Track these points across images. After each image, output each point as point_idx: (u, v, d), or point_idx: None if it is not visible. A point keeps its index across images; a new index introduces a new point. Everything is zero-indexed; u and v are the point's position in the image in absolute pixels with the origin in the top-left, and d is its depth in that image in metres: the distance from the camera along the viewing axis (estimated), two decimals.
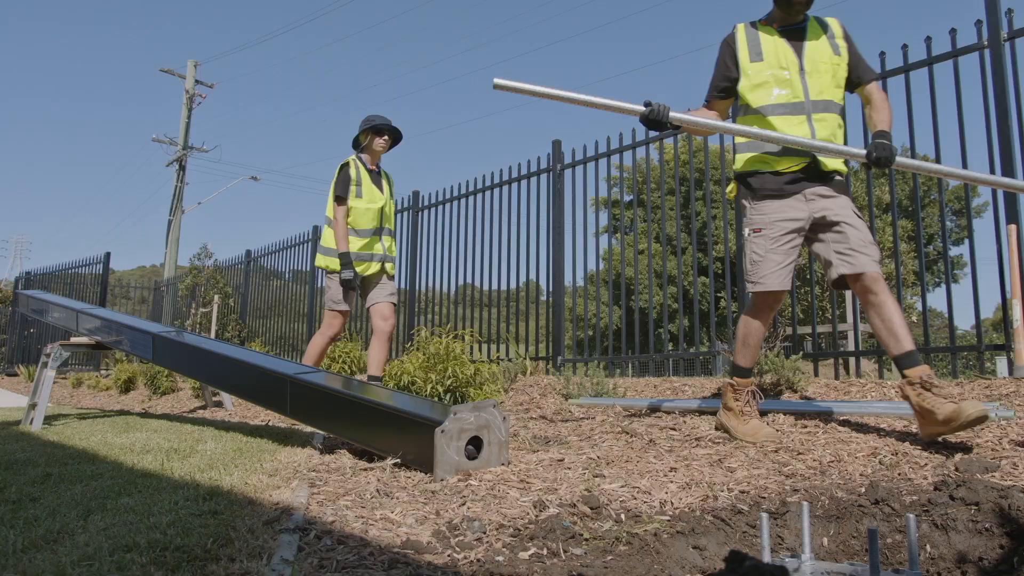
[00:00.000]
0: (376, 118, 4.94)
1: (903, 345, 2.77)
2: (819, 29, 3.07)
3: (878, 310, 2.84)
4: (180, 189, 21.34)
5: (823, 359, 5.26)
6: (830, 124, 3.01)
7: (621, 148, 6.52)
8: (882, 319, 2.82)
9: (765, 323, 3.12)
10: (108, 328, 5.31)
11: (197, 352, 4.42)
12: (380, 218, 4.93)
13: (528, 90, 2.83)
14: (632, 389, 4.98)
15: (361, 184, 4.85)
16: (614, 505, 2.15)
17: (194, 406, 6.82)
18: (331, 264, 4.82)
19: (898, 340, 2.78)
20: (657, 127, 2.90)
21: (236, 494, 2.26)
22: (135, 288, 18.11)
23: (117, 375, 9.48)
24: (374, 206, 4.88)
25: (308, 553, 1.68)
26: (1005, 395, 3.35)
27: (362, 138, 4.95)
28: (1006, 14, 4.34)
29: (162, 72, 21.88)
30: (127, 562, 1.54)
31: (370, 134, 4.91)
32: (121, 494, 2.33)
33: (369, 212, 4.86)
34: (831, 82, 3.01)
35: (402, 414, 2.85)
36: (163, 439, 3.78)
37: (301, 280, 10.76)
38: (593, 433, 3.46)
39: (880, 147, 2.83)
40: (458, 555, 1.71)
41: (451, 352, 4.01)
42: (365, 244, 4.87)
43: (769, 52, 3.03)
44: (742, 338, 3.17)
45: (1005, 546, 1.85)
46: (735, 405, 3.19)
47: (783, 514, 2.10)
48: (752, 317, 3.13)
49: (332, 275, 4.83)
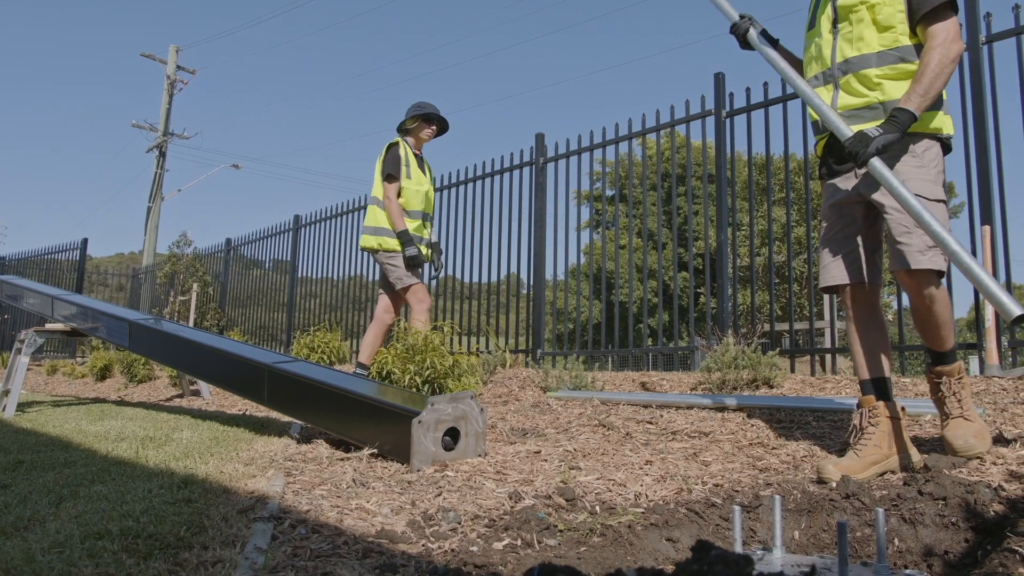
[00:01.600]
0: (427, 106, 4.88)
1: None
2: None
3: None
4: (160, 176, 21.11)
5: (800, 356, 5.31)
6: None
7: (604, 143, 6.54)
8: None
9: None
10: (84, 315, 5.25)
11: (174, 340, 4.39)
12: (426, 202, 4.90)
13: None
14: (610, 383, 5.01)
15: (409, 165, 4.80)
16: (589, 497, 2.16)
17: (171, 394, 6.77)
18: (386, 243, 4.73)
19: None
20: (739, 41, 2.75)
21: (211, 482, 2.25)
22: (113, 275, 17.91)
23: (93, 362, 9.38)
24: (422, 189, 4.85)
25: (282, 542, 1.68)
26: (975, 393, 3.40)
27: (409, 123, 4.87)
28: (984, 18, 4.40)
29: (143, 57, 21.57)
30: (98, 549, 1.53)
31: (419, 120, 4.85)
32: (94, 482, 2.31)
33: (418, 194, 4.81)
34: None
35: (380, 404, 2.85)
36: (138, 427, 3.75)
37: (282, 269, 10.70)
38: (570, 426, 3.48)
39: (855, 141, 2.29)
40: (432, 545, 1.72)
41: (430, 343, 4.01)
42: (416, 227, 4.81)
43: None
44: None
45: (970, 540, 1.88)
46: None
47: (756, 508, 2.12)
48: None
49: (391, 254, 4.73)
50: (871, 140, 2.24)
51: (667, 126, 6.17)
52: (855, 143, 2.26)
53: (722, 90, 5.75)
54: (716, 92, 5.77)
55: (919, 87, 2.26)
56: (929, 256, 2.29)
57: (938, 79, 2.26)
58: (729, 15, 2.79)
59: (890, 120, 2.27)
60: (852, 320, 2.54)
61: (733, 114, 5.67)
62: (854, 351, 2.55)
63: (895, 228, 2.35)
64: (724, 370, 4.30)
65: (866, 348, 2.50)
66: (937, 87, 2.27)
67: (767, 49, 2.67)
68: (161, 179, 21.12)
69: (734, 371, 4.27)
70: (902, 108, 2.27)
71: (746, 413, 3.48)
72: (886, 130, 2.25)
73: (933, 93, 2.27)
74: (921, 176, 2.35)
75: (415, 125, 4.86)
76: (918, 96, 2.26)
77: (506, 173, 7.31)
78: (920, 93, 2.26)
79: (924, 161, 2.37)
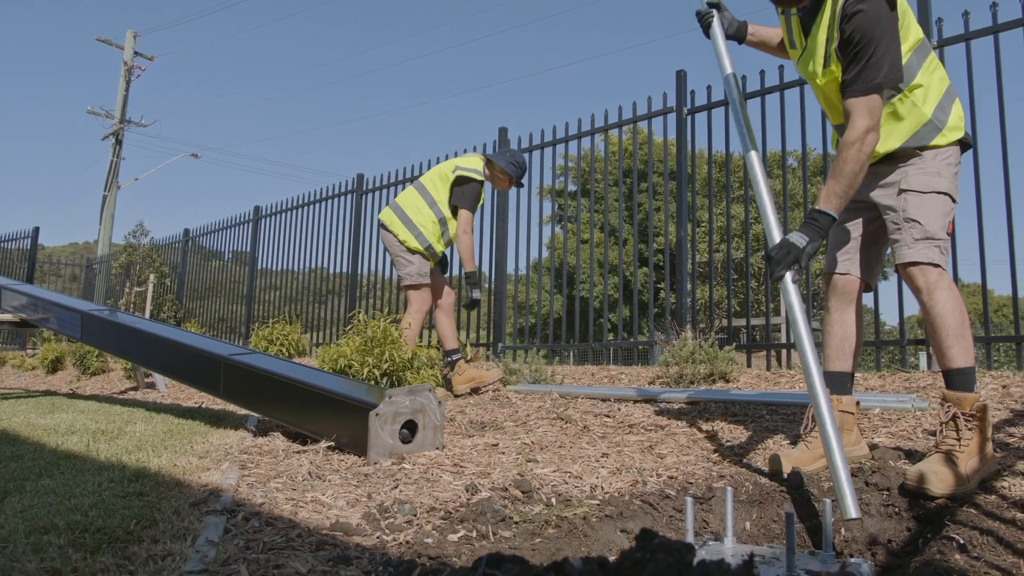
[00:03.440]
0: (521, 164, 4.79)
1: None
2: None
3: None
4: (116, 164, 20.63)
5: (756, 351, 5.41)
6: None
7: (567, 138, 6.56)
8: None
9: None
10: (34, 305, 5.12)
11: (128, 331, 4.31)
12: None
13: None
14: (570, 377, 5.04)
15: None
16: (545, 489, 2.18)
17: (125, 387, 6.64)
18: (411, 242, 4.66)
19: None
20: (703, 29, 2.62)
21: (164, 476, 2.22)
22: (66, 265, 17.47)
23: (44, 354, 9.16)
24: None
25: (235, 535, 1.66)
26: (922, 387, 3.50)
27: (496, 169, 4.75)
28: (936, 23, 4.50)
29: (99, 42, 21.04)
30: (44, 544, 1.51)
31: (506, 174, 4.75)
32: (42, 475, 2.26)
33: (454, 227, 4.79)
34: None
35: (337, 397, 2.83)
36: (90, 420, 3.68)
37: (241, 261, 10.54)
38: (529, 419, 3.49)
39: (779, 250, 2.22)
40: (387, 537, 1.72)
41: (388, 336, 4.00)
42: (440, 249, 4.81)
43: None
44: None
45: (912, 529, 1.94)
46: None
47: (709, 499, 2.16)
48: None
49: (411, 253, 4.68)
50: (798, 253, 2.17)
51: (629, 122, 6.21)
52: (779, 252, 2.20)
53: (684, 87, 5.80)
54: (678, 89, 5.82)
55: (838, 187, 2.21)
56: (917, 249, 2.24)
57: (858, 176, 2.21)
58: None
59: (810, 226, 2.22)
60: (827, 310, 2.54)
61: (694, 111, 5.73)
62: (824, 342, 2.54)
63: (889, 226, 2.34)
64: (682, 364, 4.35)
65: (835, 341, 2.49)
66: (858, 182, 2.22)
67: (721, 48, 2.56)
68: (117, 167, 20.65)
69: (692, 365, 4.32)
70: (822, 211, 2.21)
71: (702, 407, 3.53)
72: (810, 237, 2.19)
73: (854, 189, 2.23)
74: (919, 171, 2.31)
75: (502, 176, 4.78)
76: (837, 197, 2.22)
77: None
78: (839, 194, 2.21)
79: (926, 160, 2.32)
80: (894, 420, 2.96)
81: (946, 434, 2.16)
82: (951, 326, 2.20)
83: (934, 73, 2.33)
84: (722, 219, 10.83)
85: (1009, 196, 4.19)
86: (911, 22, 2.29)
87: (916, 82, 2.29)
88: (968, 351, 2.21)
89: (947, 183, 2.30)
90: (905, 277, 2.30)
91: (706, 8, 2.60)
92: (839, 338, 2.48)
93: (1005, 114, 4.21)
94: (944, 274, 2.25)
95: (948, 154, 2.32)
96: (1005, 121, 4.21)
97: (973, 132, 4.18)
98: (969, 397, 2.17)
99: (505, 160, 4.74)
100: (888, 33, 2.16)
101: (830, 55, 2.26)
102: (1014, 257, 4.08)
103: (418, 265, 4.67)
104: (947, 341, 2.20)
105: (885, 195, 2.36)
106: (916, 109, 2.29)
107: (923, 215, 2.26)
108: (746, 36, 2.69)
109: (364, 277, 8.54)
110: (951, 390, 2.21)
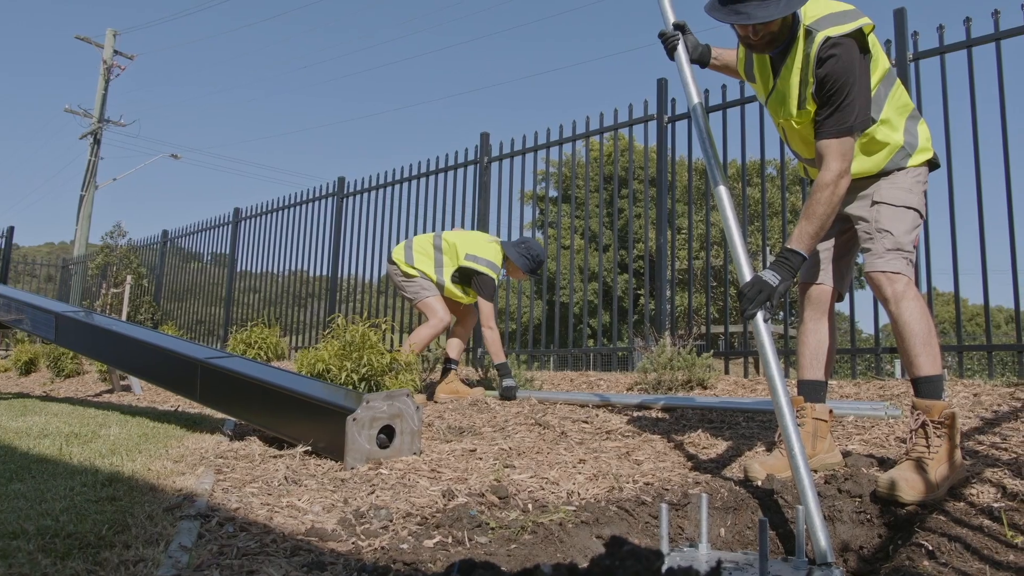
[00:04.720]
0: (535, 258, 4.73)
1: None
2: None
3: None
4: (94, 163, 20.41)
5: (734, 358, 5.45)
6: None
7: (549, 143, 6.58)
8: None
9: None
10: (7, 306, 5.06)
11: (103, 333, 4.26)
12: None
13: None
14: (549, 383, 5.06)
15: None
16: (522, 495, 2.18)
17: (100, 390, 6.56)
18: (409, 270, 4.70)
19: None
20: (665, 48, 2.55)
21: (138, 480, 2.20)
22: (41, 265, 17.24)
23: (17, 356, 9.04)
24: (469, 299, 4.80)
25: (208, 540, 1.65)
26: (896, 395, 3.55)
27: (516, 259, 4.68)
28: (912, 36, 4.57)
29: (78, 39, 20.84)
30: (12, 549, 1.49)
31: (525, 269, 4.72)
32: (12, 480, 2.23)
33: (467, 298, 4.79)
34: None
35: (314, 401, 2.82)
36: (63, 423, 3.63)
37: (220, 263, 10.46)
38: (507, 424, 3.50)
39: (751, 288, 2.19)
40: (363, 542, 1.71)
41: (367, 340, 3.98)
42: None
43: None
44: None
45: (883, 535, 1.97)
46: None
47: (684, 505, 2.17)
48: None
49: (409, 279, 4.71)
50: (770, 292, 2.16)
51: (611, 129, 6.25)
52: (751, 290, 2.17)
53: (665, 95, 5.84)
54: (659, 97, 5.86)
55: (810, 227, 2.24)
56: (887, 259, 2.29)
57: (830, 218, 2.25)
58: (665, 19, 2.56)
59: (782, 264, 2.23)
60: (802, 319, 2.59)
61: (675, 119, 5.77)
62: (798, 351, 2.58)
63: (861, 235, 2.39)
64: (660, 371, 4.38)
65: (809, 350, 2.53)
66: (829, 223, 2.26)
67: (687, 73, 2.47)
68: (95, 167, 20.43)
69: (670, 372, 4.35)
70: (794, 251, 2.23)
71: (680, 413, 3.55)
72: (782, 276, 2.19)
73: (824, 230, 2.27)
74: (892, 185, 2.38)
75: (518, 264, 4.71)
76: (809, 237, 2.25)
77: (451, 171, 7.30)
78: (811, 234, 2.25)
79: (898, 176, 2.38)
80: (867, 427, 2.99)
81: (916, 441, 2.19)
82: (918, 334, 2.24)
83: (899, 100, 2.40)
84: (702, 226, 10.94)
85: (981, 207, 4.27)
86: (879, 54, 2.35)
87: (884, 112, 2.36)
88: (935, 359, 2.25)
89: (916, 199, 2.38)
90: (873, 285, 2.33)
91: (671, 31, 2.54)
92: (813, 347, 2.53)
93: (978, 127, 4.28)
94: (911, 284, 2.31)
95: (918, 173, 2.41)
96: (978, 133, 4.28)
97: (946, 145, 4.25)
98: (938, 405, 2.20)
99: (517, 253, 4.69)
100: (860, 78, 2.21)
101: (805, 98, 2.28)
102: (1015, 262, 4.11)
103: (420, 282, 4.68)
104: (915, 349, 2.24)
105: (858, 207, 2.42)
106: (889, 136, 2.37)
107: (895, 227, 2.33)
108: (709, 61, 2.69)
109: (344, 281, 8.51)
110: (920, 398, 2.24)
